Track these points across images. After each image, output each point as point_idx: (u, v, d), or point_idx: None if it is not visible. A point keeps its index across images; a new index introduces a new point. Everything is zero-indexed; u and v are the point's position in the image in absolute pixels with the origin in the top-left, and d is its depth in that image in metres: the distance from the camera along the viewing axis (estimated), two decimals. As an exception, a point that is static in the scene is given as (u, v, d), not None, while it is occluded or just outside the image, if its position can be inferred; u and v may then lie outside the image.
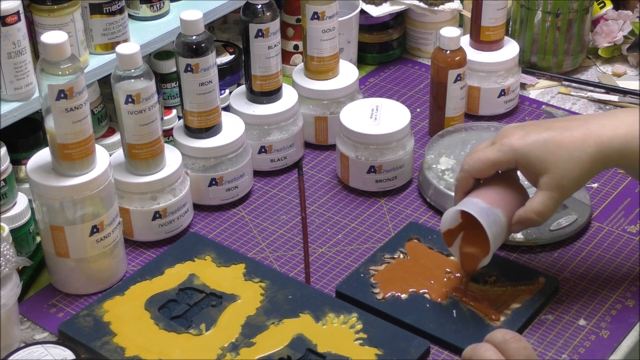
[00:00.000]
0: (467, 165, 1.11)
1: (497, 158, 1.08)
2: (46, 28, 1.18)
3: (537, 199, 1.07)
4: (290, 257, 1.24)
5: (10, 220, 1.18)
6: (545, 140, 1.06)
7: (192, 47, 1.23)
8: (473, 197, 1.10)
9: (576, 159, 1.05)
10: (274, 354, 1.07)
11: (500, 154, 1.08)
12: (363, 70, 1.64)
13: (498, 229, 1.08)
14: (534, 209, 1.07)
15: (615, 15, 1.63)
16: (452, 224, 1.11)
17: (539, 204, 1.07)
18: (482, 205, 1.08)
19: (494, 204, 1.08)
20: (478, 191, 1.11)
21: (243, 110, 1.36)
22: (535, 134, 1.07)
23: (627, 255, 1.22)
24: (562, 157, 1.05)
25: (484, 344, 0.96)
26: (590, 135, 1.06)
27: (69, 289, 1.18)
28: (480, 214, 1.07)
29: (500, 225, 1.08)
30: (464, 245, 1.12)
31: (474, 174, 1.11)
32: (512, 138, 1.08)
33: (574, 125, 1.07)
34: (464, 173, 1.11)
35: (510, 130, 1.10)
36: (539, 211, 1.07)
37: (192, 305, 1.14)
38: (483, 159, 1.09)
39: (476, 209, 1.08)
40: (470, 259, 1.12)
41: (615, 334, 1.11)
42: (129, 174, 1.22)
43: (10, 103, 1.18)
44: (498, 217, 1.08)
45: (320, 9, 1.37)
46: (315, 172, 1.40)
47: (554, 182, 1.06)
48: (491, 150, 1.09)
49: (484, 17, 1.47)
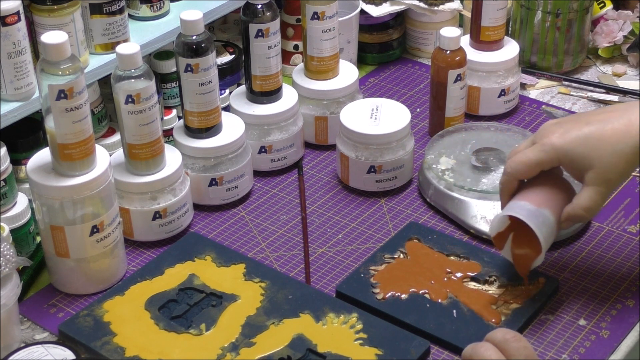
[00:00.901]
0: (510, 168, 1.10)
1: (539, 159, 1.08)
2: (46, 28, 1.18)
3: (584, 194, 1.07)
4: (290, 257, 1.24)
5: (10, 220, 1.18)
6: (587, 136, 1.05)
7: (192, 47, 1.23)
8: (519, 200, 1.09)
9: (620, 152, 1.04)
10: (274, 354, 1.07)
11: (542, 154, 1.07)
12: (363, 70, 1.64)
13: (548, 230, 1.08)
14: (582, 205, 1.07)
15: (615, 15, 1.63)
16: (501, 228, 1.11)
17: (586, 200, 1.07)
18: (529, 208, 1.08)
19: (541, 205, 1.08)
20: (523, 193, 1.10)
21: (243, 110, 1.36)
22: (576, 130, 1.06)
23: (627, 255, 1.22)
24: (605, 152, 1.05)
25: (484, 343, 0.96)
26: (632, 126, 1.05)
27: (69, 289, 1.18)
28: (529, 217, 1.07)
29: (550, 225, 1.08)
30: (516, 247, 1.11)
31: (517, 176, 1.10)
32: (552, 137, 1.07)
33: (613, 117, 1.06)
34: (508, 176, 1.11)
35: (549, 129, 1.09)
36: (588, 207, 1.07)
37: (192, 305, 1.14)
38: (525, 160, 1.08)
39: (524, 213, 1.07)
40: (523, 260, 1.11)
41: (615, 334, 1.11)
42: (129, 174, 1.22)
43: (10, 103, 1.18)
44: (546, 218, 1.08)
45: (320, 9, 1.37)
46: (315, 172, 1.40)
47: (599, 177, 1.05)
48: (533, 151, 1.08)
49: (484, 17, 1.47)
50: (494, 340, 0.96)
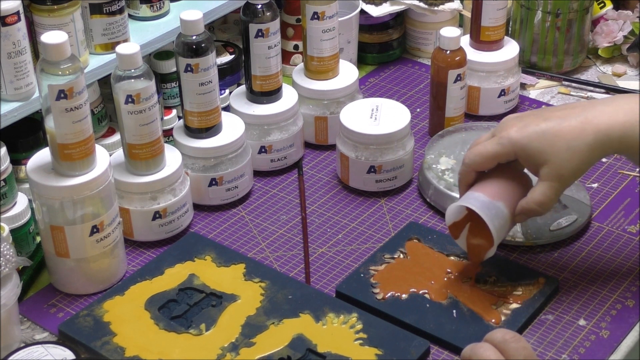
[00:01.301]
0: (468, 159, 1.12)
1: (496, 151, 1.09)
2: (46, 28, 1.18)
3: (538, 189, 1.08)
4: (290, 257, 1.24)
5: (10, 220, 1.18)
6: (544, 131, 1.07)
7: (192, 47, 1.23)
8: (475, 191, 1.11)
9: (575, 149, 1.06)
10: (274, 354, 1.07)
11: (499, 147, 1.09)
12: (363, 70, 1.64)
13: (500, 222, 1.09)
14: (535, 200, 1.08)
15: (615, 15, 1.63)
16: (457, 217, 1.13)
17: (540, 195, 1.08)
18: (483, 200, 1.09)
19: (495, 197, 1.09)
20: (480, 184, 1.12)
21: (243, 110, 1.36)
22: (534, 125, 1.08)
23: (627, 255, 1.22)
24: (560, 148, 1.06)
25: (483, 344, 0.96)
26: (589, 124, 1.06)
27: (69, 289, 1.18)
28: (482, 208, 1.08)
29: (503, 218, 1.09)
30: (471, 237, 1.13)
31: (474, 168, 1.12)
32: (510, 130, 1.08)
33: (572, 114, 1.08)
34: (465, 167, 1.12)
35: (508, 122, 1.10)
36: (540, 201, 1.08)
37: (192, 305, 1.14)
38: (483, 152, 1.10)
39: (477, 204, 1.09)
40: (476, 250, 1.13)
41: (615, 334, 1.11)
42: (129, 174, 1.22)
43: (10, 103, 1.18)
44: (500, 210, 1.09)
45: (320, 9, 1.37)
46: (315, 172, 1.40)
47: (553, 173, 1.07)
48: (491, 144, 1.10)
49: (484, 17, 1.47)
50: (493, 340, 0.95)
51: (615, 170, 1.38)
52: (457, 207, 1.11)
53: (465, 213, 1.12)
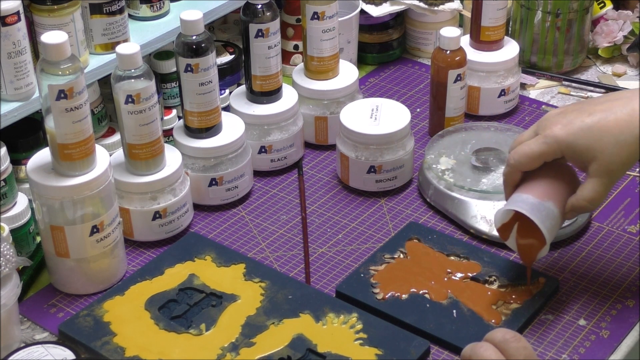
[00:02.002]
0: (513, 159, 1.09)
1: (542, 151, 1.07)
2: (46, 28, 1.18)
3: (587, 186, 1.06)
4: (290, 257, 1.24)
5: (10, 220, 1.18)
6: (590, 127, 1.05)
7: (192, 47, 1.23)
8: (522, 193, 1.09)
9: (623, 142, 1.03)
10: (274, 354, 1.07)
11: (545, 146, 1.07)
12: (363, 70, 1.64)
13: (552, 222, 1.07)
14: (585, 197, 1.07)
15: (615, 15, 1.63)
16: (505, 219, 1.11)
17: (589, 191, 1.06)
18: (532, 201, 1.07)
19: (544, 197, 1.08)
20: (527, 185, 1.10)
21: (243, 110, 1.36)
22: (578, 121, 1.05)
23: (627, 255, 1.22)
24: (608, 143, 1.04)
25: (483, 343, 0.96)
26: (636, 116, 1.04)
27: (69, 289, 1.18)
28: (532, 211, 1.07)
29: (554, 217, 1.08)
30: (520, 238, 1.12)
31: (520, 168, 1.10)
32: (555, 128, 1.06)
33: (616, 106, 1.05)
34: (511, 168, 1.10)
35: (552, 120, 1.08)
36: (591, 198, 1.06)
37: (192, 305, 1.14)
38: (529, 152, 1.08)
39: (526, 207, 1.07)
40: (528, 250, 1.11)
41: (615, 334, 1.11)
42: (129, 174, 1.22)
43: (10, 103, 1.18)
44: (550, 210, 1.07)
45: (320, 9, 1.37)
46: (315, 172, 1.40)
47: (602, 168, 1.05)
48: (536, 143, 1.07)
49: (484, 17, 1.47)
50: (493, 340, 0.95)
51: (615, 170, 1.37)
52: (507, 210, 1.09)
53: (512, 214, 1.10)
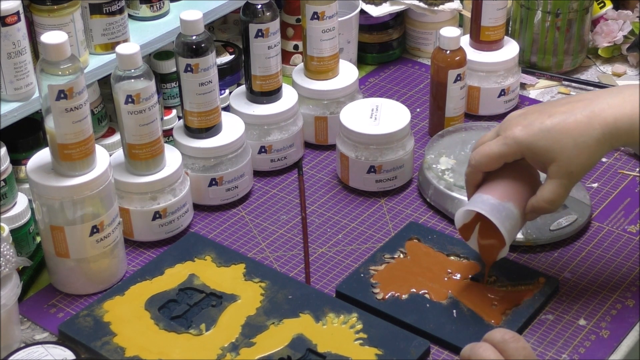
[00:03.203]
0: (474, 160, 1.10)
1: (502, 151, 1.08)
2: (46, 28, 1.18)
3: (547, 187, 1.07)
4: (290, 257, 1.24)
5: (10, 220, 1.18)
6: (549, 129, 1.05)
7: (192, 47, 1.23)
8: (483, 193, 1.10)
9: (582, 144, 1.04)
10: (274, 354, 1.07)
11: (505, 147, 1.07)
12: (363, 70, 1.64)
13: (511, 222, 1.08)
14: (545, 198, 1.07)
15: (615, 15, 1.63)
16: (466, 219, 1.11)
17: (549, 193, 1.06)
18: (492, 202, 1.08)
19: (504, 198, 1.08)
20: (487, 185, 1.10)
21: (243, 110, 1.36)
22: (538, 123, 1.06)
23: (627, 255, 1.22)
24: (567, 144, 1.04)
25: (482, 344, 0.96)
26: (595, 117, 1.04)
27: (69, 289, 1.18)
28: (491, 211, 1.07)
29: (514, 218, 1.08)
30: (481, 238, 1.12)
31: (481, 169, 1.10)
32: (515, 129, 1.07)
33: (576, 108, 1.06)
34: (472, 168, 1.11)
35: (512, 121, 1.08)
36: (551, 199, 1.07)
37: (192, 305, 1.14)
38: (489, 153, 1.08)
39: (486, 207, 1.07)
40: (488, 250, 1.12)
41: (615, 334, 1.11)
42: (129, 174, 1.22)
43: (10, 103, 1.18)
44: (510, 211, 1.08)
45: (320, 9, 1.37)
46: (315, 172, 1.40)
47: (562, 170, 1.05)
48: (496, 144, 1.08)
49: (484, 17, 1.47)
50: (492, 340, 0.95)
51: (615, 170, 1.38)
52: (467, 210, 1.10)
53: (474, 214, 1.11)
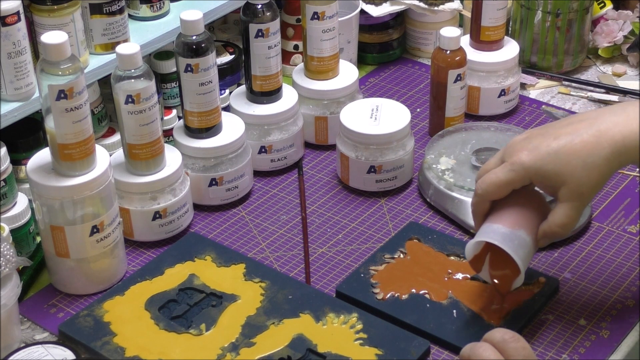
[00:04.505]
0: (481, 189, 1.06)
1: (510, 179, 1.04)
2: (46, 28, 1.18)
3: (559, 211, 1.03)
4: (290, 257, 1.24)
5: (10, 220, 1.18)
6: (556, 152, 1.02)
7: (192, 47, 1.23)
8: (493, 223, 1.06)
9: (591, 164, 1.01)
10: (274, 354, 1.07)
11: (512, 174, 1.04)
12: (363, 70, 1.64)
13: (525, 250, 1.04)
14: (557, 223, 1.04)
15: (615, 15, 1.63)
16: (477, 251, 1.08)
17: (561, 217, 1.03)
18: (503, 231, 1.04)
19: (515, 226, 1.05)
20: (496, 214, 1.07)
21: (243, 110, 1.36)
22: (544, 146, 1.03)
23: (627, 255, 1.22)
24: (577, 166, 1.01)
25: (482, 344, 0.96)
26: (602, 137, 1.01)
27: (69, 289, 1.18)
28: (504, 241, 1.04)
29: (527, 246, 1.05)
30: (493, 269, 1.09)
31: (488, 198, 1.07)
32: (521, 155, 1.03)
33: (581, 127, 1.03)
34: (479, 197, 1.07)
35: (517, 146, 1.05)
36: (564, 223, 1.04)
37: (192, 305, 1.14)
38: (496, 181, 1.05)
39: (498, 237, 1.04)
40: (502, 281, 1.09)
41: (615, 334, 1.11)
42: (129, 174, 1.22)
43: (10, 103, 1.18)
44: (522, 239, 1.04)
45: (320, 9, 1.37)
46: (315, 172, 1.40)
47: (573, 192, 1.02)
48: (502, 171, 1.05)
49: (484, 17, 1.47)
50: (492, 340, 0.95)
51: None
52: (476, 242, 1.06)
53: (483, 245, 1.07)
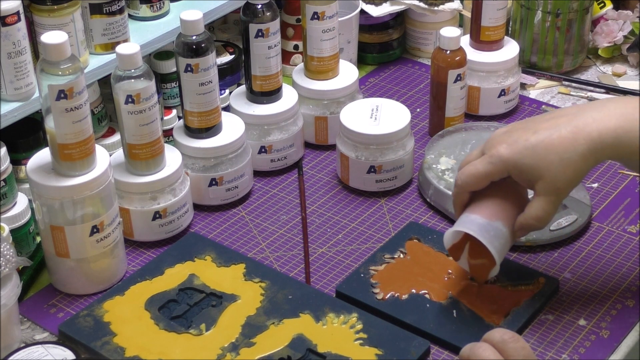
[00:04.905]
0: (460, 180, 1.09)
1: (488, 171, 1.07)
2: (46, 28, 1.18)
3: (535, 204, 1.06)
4: (290, 257, 1.24)
5: (10, 220, 1.19)
6: (534, 146, 1.04)
7: (192, 47, 1.23)
8: (471, 213, 1.08)
9: (568, 160, 1.03)
10: (274, 354, 1.07)
11: (490, 166, 1.06)
12: (363, 70, 1.64)
13: (501, 241, 1.07)
14: (533, 215, 1.06)
15: (615, 15, 1.63)
16: (455, 239, 1.11)
17: (537, 210, 1.06)
18: (480, 222, 1.07)
19: (492, 217, 1.07)
20: (475, 205, 1.09)
21: (243, 110, 1.36)
22: (523, 140, 1.05)
23: (627, 255, 1.22)
24: (553, 161, 1.03)
25: (482, 344, 0.96)
26: (579, 133, 1.03)
27: (69, 289, 1.18)
28: (480, 231, 1.06)
29: (503, 237, 1.07)
30: (471, 258, 1.11)
31: (467, 189, 1.09)
32: (500, 148, 1.06)
33: (560, 123, 1.05)
34: (458, 188, 1.10)
35: (497, 139, 1.07)
36: (539, 216, 1.06)
37: (192, 305, 1.14)
38: (475, 173, 1.07)
39: (475, 227, 1.07)
40: (479, 270, 1.11)
41: (615, 334, 1.11)
42: (129, 174, 1.22)
43: (10, 103, 1.18)
44: (499, 230, 1.07)
45: (320, 9, 1.37)
46: (315, 172, 1.40)
47: (549, 187, 1.04)
48: (482, 163, 1.07)
49: (484, 17, 1.47)
50: (491, 340, 0.95)
51: (615, 170, 1.38)
52: (455, 231, 1.09)
53: (463, 234, 1.10)
